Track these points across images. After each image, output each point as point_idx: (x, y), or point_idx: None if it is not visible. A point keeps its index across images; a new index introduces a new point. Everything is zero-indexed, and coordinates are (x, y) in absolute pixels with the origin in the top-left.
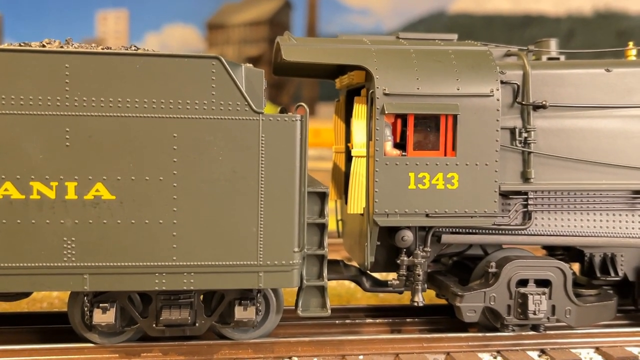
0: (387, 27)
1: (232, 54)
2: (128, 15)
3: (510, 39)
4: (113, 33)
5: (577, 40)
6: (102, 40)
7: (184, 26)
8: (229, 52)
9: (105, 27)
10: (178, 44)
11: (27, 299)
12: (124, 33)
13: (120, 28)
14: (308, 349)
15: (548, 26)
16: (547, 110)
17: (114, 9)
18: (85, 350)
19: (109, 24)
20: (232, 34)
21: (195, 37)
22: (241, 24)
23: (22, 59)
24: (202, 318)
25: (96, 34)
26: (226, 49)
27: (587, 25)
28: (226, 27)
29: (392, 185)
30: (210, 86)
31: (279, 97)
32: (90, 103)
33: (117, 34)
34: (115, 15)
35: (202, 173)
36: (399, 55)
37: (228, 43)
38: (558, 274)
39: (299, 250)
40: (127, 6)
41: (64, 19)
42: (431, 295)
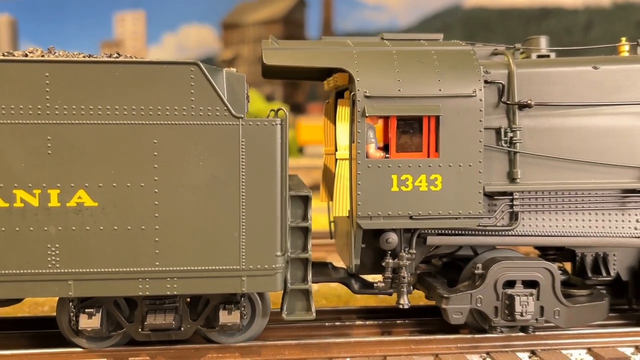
0: (402, 22)
1: (247, 52)
2: (145, 16)
3: (527, 32)
4: (131, 34)
5: (595, 31)
6: (120, 42)
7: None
8: (244, 51)
9: (123, 29)
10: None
11: (28, 302)
12: (141, 34)
13: (138, 29)
14: (295, 352)
15: (565, 18)
16: (533, 109)
17: (132, 11)
18: (73, 355)
19: (126, 25)
20: (247, 33)
21: (211, 37)
22: (256, 22)
23: (3, 68)
24: (188, 322)
25: (114, 35)
26: (241, 48)
27: (605, 16)
28: (241, 26)
29: (374, 188)
30: (190, 92)
31: (294, 95)
32: (71, 111)
33: (134, 35)
34: (133, 16)
35: (183, 179)
36: (381, 56)
37: (243, 42)
38: (546, 275)
39: (282, 254)
40: (145, 7)
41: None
42: (423, 297)
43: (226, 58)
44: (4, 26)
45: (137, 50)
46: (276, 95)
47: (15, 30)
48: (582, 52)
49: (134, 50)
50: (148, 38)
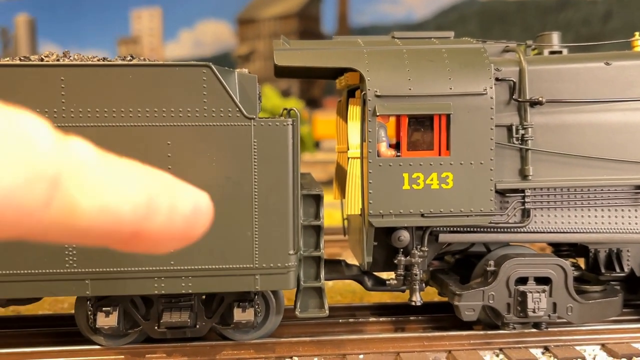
0: (418, 15)
1: (263, 48)
2: (161, 12)
3: (544, 23)
4: (147, 31)
5: (614, 22)
6: (137, 38)
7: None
8: (259, 46)
9: (140, 25)
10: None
11: (49, 299)
12: (158, 30)
13: (155, 25)
14: (309, 349)
15: (583, 8)
16: (545, 106)
17: (148, 7)
18: (91, 352)
19: (143, 22)
20: (262, 28)
21: (227, 32)
22: (271, 17)
23: (19, 73)
24: (203, 320)
25: (131, 32)
26: (257, 43)
27: (625, 6)
28: (257, 22)
29: (386, 186)
30: (202, 93)
31: (311, 90)
32: (86, 114)
33: (151, 32)
34: (149, 13)
35: (196, 179)
36: (391, 55)
37: (259, 37)
38: (558, 271)
39: (295, 252)
40: (161, 4)
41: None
42: (436, 293)
43: (242, 53)
44: (23, 25)
45: (154, 46)
46: (292, 90)
47: (34, 29)
48: (595, 48)
49: (150, 46)
50: (164, 34)
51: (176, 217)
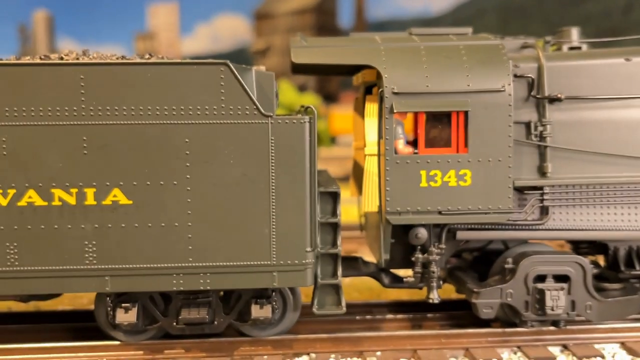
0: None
1: (280, 43)
2: (178, 7)
3: (564, 16)
4: (164, 26)
5: (636, 13)
6: (154, 33)
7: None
8: (276, 41)
9: (157, 20)
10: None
11: (69, 295)
12: (174, 25)
13: (171, 20)
14: (326, 346)
15: (604, 1)
16: (563, 102)
17: (165, 3)
18: (110, 347)
19: (160, 17)
20: (279, 23)
21: (243, 27)
22: (288, 12)
23: (40, 72)
24: (221, 316)
25: (148, 27)
26: (274, 38)
27: None
28: (273, 16)
29: (403, 184)
30: (220, 91)
31: (327, 85)
32: (105, 112)
33: (168, 27)
34: (166, 8)
35: (214, 177)
36: (409, 52)
37: (275, 32)
38: (577, 269)
39: (312, 249)
40: None
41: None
42: (453, 291)
43: (259, 48)
44: (42, 22)
45: (171, 41)
46: (309, 85)
47: (52, 26)
48: (615, 43)
49: (167, 41)
50: (181, 29)
51: None
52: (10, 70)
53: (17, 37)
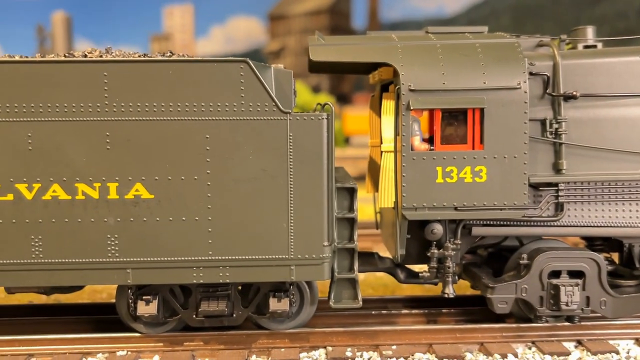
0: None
1: (294, 44)
2: (193, 9)
3: (579, 17)
4: (179, 27)
5: None
6: (169, 35)
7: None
8: (290, 42)
9: (172, 22)
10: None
11: (88, 290)
12: (189, 27)
13: (186, 22)
14: (342, 339)
15: (619, 2)
16: (578, 100)
17: (180, 4)
18: (132, 339)
19: (175, 19)
20: (293, 24)
21: (258, 29)
22: (302, 13)
23: (64, 69)
24: (239, 309)
25: (163, 29)
26: (288, 39)
27: None
28: (287, 18)
29: (419, 180)
30: (240, 88)
31: (341, 85)
32: (128, 108)
33: (183, 28)
34: (181, 9)
35: (234, 172)
36: (425, 50)
37: (289, 33)
38: (592, 265)
39: (329, 244)
40: (192, 1)
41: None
42: (468, 287)
43: (273, 49)
44: (60, 23)
45: (186, 43)
46: (322, 86)
47: (70, 27)
48: (630, 42)
49: (182, 42)
50: (196, 31)
51: None
52: (36, 67)
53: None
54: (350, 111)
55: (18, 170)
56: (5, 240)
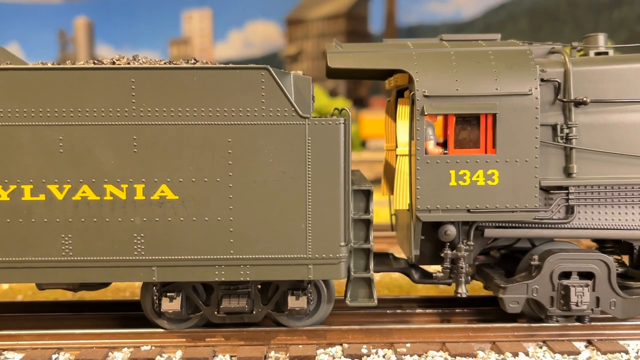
0: (466, 14)
1: (311, 48)
2: (212, 13)
3: (598, 21)
4: (198, 31)
5: None
6: (188, 39)
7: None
8: (308, 46)
9: (191, 26)
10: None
11: (112, 288)
12: (208, 31)
13: (205, 26)
14: (358, 337)
15: (639, 6)
16: (589, 106)
17: (199, 8)
18: (155, 334)
19: (194, 23)
20: (310, 29)
21: (275, 33)
22: (319, 18)
23: (94, 76)
24: (259, 306)
25: (182, 32)
26: (305, 43)
27: None
28: (305, 22)
29: (433, 182)
30: (260, 94)
31: (357, 89)
32: (154, 113)
33: (201, 32)
34: (200, 14)
35: (255, 174)
36: (439, 57)
37: (307, 37)
38: (602, 267)
39: (345, 244)
40: (211, 5)
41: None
42: (481, 287)
43: (290, 53)
44: (82, 28)
45: (204, 47)
46: (339, 90)
47: (92, 32)
48: None
49: (200, 47)
50: (215, 35)
51: None
52: (67, 74)
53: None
54: (366, 115)
55: (50, 172)
56: (37, 239)
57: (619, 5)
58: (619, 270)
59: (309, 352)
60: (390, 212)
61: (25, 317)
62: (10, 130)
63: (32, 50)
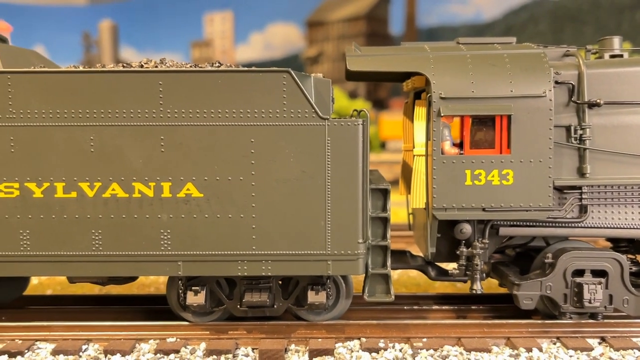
0: (487, 15)
1: (331, 50)
2: (233, 16)
3: (620, 22)
4: (219, 33)
5: None
6: (210, 41)
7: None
8: (328, 48)
9: (212, 28)
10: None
11: (137, 283)
12: (229, 33)
13: (226, 28)
14: (376, 331)
15: None
16: (603, 107)
17: (220, 11)
18: (180, 327)
19: (215, 25)
20: (331, 31)
21: (296, 35)
22: (340, 20)
23: (123, 78)
24: (280, 301)
25: (204, 35)
26: (325, 45)
27: None
28: (325, 24)
29: (449, 182)
30: (282, 96)
31: (377, 91)
32: (180, 114)
33: (223, 35)
34: (221, 16)
35: (276, 173)
36: (456, 60)
37: (327, 39)
38: (615, 265)
39: (363, 241)
40: (232, 7)
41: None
42: (496, 285)
43: (310, 55)
44: (107, 31)
45: (226, 49)
46: (359, 92)
47: (116, 35)
48: None
49: (222, 49)
50: (236, 37)
51: None
52: (98, 77)
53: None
54: (386, 116)
55: (81, 170)
56: (69, 234)
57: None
58: (632, 269)
59: (328, 346)
60: (408, 211)
61: (55, 309)
62: (44, 131)
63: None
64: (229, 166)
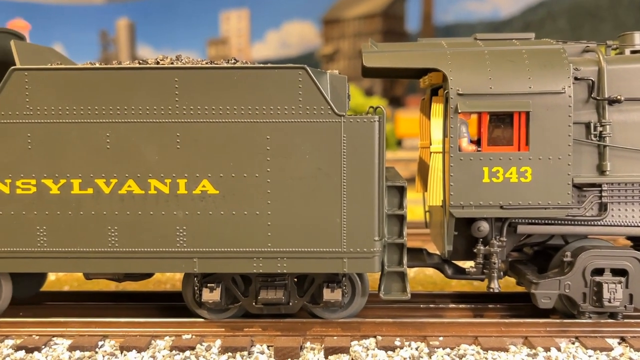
0: (504, 12)
1: (347, 47)
2: (249, 14)
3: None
4: (235, 31)
5: None
6: (226, 39)
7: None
8: (344, 45)
9: (228, 26)
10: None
11: (153, 280)
12: (245, 31)
13: (242, 26)
14: (392, 330)
15: None
16: (623, 104)
17: (236, 9)
18: (196, 324)
19: (231, 23)
20: (346, 28)
21: (312, 33)
22: (355, 17)
23: (139, 75)
24: (295, 298)
25: (220, 33)
26: (341, 43)
27: None
28: (341, 22)
29: (466, 179)
30: (298, 93)
31: (393, 88)
32: (196, 111)
33: (239, 32)
34: (237, 14)
35: (292, 170)
36: (473, 56)
37: (343, 37)
38: (635, 264)
39: (379, 239)
40: (248, 5)
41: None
42: (514, 284)
43: (326, 53)
44: (124, 29)
45: (242, 47)
46: (375, 89)
47: (134, 33)
48: None
49: (238, 47)
50: (252, 35)
51: None
52: (114, 74)
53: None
54: (402, 114)
55: (97, 166)
56: (86, 230)
57: None
58: None
59: (344, 344)
60: (424, 209)
61: (71, 306)
62: (61, 127)
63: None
64: (245, 163)
